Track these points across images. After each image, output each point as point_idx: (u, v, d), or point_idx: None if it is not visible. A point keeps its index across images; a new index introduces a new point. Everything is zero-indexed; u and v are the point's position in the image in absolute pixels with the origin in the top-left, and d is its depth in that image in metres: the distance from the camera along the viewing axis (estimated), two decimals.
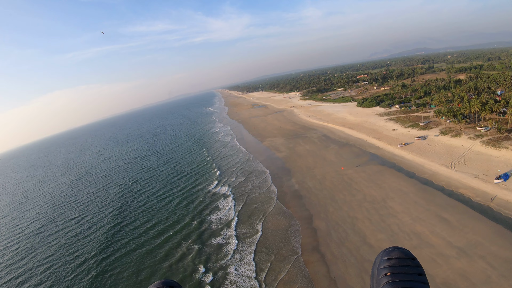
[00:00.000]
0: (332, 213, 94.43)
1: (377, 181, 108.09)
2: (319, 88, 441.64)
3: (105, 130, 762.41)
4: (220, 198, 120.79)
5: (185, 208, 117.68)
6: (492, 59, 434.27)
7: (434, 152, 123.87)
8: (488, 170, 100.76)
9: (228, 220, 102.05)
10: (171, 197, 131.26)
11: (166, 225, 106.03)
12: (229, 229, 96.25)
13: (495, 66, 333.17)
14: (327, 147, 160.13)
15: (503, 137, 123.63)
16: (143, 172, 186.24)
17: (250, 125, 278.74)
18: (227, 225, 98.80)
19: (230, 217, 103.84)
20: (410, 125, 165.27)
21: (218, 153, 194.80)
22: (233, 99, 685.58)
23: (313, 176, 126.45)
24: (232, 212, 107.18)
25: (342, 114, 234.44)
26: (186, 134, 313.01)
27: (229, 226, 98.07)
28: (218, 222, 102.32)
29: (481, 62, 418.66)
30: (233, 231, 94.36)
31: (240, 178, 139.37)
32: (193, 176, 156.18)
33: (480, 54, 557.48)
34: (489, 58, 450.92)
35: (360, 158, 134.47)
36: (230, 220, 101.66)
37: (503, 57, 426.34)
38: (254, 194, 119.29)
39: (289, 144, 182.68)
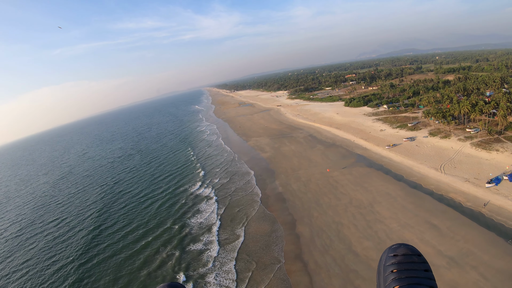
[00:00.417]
0: (317, 218, 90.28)
1: (364, 184, 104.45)
2: (306, 87, 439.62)
3: (92, 127, 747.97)
4: (203, 201, 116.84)
5: (167, 211, 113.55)
6: (480, 61, 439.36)
7: (423, 154, 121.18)
8: (478, 174, 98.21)
9: (210, 224, 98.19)
10: (152, 199, 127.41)
11: (146, 229, 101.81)
12: (210, 234, 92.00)
13: (483, 68, 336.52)
14: (313, 148, 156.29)
15: (493, 139, 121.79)
16: (126, 172, 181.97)
17: (236, 124, 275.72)
18: (208, 230, 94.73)
19: (212, 221, 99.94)
20: (398, 126, 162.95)
21: (203, 153, 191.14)
22: (220, 98, 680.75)
23: (297, 178, 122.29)
24: (214, 215, 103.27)
25: (329, 113, 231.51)
26: (172, 132, 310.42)
27: (210, 231, 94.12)
28: (200, 226, 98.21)
29: (469, 63, 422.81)
30: (214, 237, 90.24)
31: (224, 179, 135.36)
32: (176, 176, 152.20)
33: (468, 56, 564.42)
34: (477, 60, 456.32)
35: (346, 160, 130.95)
36: (212, 224, 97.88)
37: (491, 59, 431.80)
38: (237, 197, 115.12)
39: (275, 144, 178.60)
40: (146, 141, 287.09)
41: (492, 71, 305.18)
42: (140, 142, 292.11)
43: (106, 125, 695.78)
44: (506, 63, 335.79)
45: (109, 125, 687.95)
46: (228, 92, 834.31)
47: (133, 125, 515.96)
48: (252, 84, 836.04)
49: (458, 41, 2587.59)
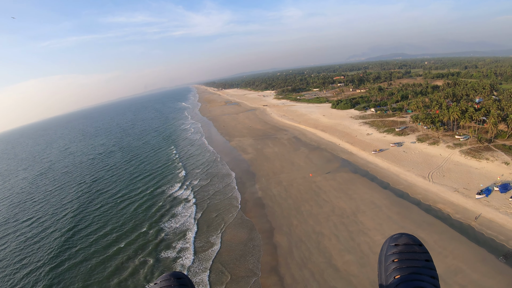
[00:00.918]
0: (296, 227, 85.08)
1: (348, 191, 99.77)
2: (294, 88, 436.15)
3: (77, 122, 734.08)
4: (181, 204, 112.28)
5: (143, 213, 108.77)
6: (469, 67, 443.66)
7: (410, 161, 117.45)
8: (468, 184, 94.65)
9: (187, 230, 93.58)
10: (130, 200, 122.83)
11: (120, 233, 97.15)
12: (186, 241, 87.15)
13: (472, 74, 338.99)
14: (296, 150, 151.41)
15: (483, 147, 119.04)
16: (105, 170, 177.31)
17: (220, 123, 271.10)
18: (184, 236, 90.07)
19: (189, 226, 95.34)
20: (386, 130, 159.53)
21: (185, 152, 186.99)
22: (207, 95, 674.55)
23: (279, 182, 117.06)
24: (191, 220, 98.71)
25: (315, 115, 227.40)
26: (156, 129, 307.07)
27: (186, 237, 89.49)
28: (176, 231, 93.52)
29: (458, 69, 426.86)
30: (190, 244, 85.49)
31: (204, 181, 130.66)
32: (156, 176, 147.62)
33: (457, 62, 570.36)
34: (466, 66, 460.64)
35: (331, 164, 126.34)
36: (189, 230, 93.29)
37: (480, 66, 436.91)
38: (216, 201, 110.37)
39: (258, 145, 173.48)
40: (129, 138, 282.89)
41: (481, 78, 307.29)
42: (123, 138, 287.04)
43: (91, 120, 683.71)
44: (495, 70, 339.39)
45: (94, 120, 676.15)
46: (215, 90, 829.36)
47: (118, 120, 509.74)
48: (240, 83, 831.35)
49: (447, 47, 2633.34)
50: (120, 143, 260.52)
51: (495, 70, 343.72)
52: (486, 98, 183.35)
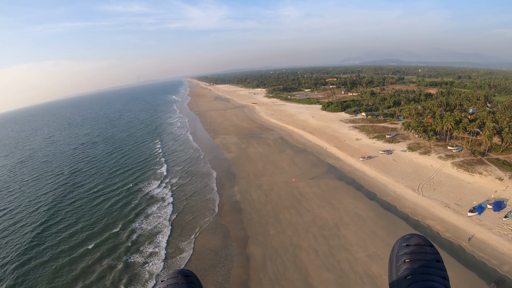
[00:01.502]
0: (273, 237, 78.51)
1: (332, 200, 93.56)
2: (285, 87, 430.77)
3: (66, 109, 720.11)
4: (158, 203, 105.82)
5: (117, 212, 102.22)
6: (462, 77, 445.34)
7: (400, 171, 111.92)
8: (460, 199, 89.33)
9: (160, 232, 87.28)
10: (105, 196, 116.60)
11: (90, 232, 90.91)
12: (158, 245, 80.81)
13: (466, 84, 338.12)
14: (281, 152, 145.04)
15: (476, 161, 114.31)
16: (85, 161, 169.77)
17: (207, 118, 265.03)
18: (157, 240, 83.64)
19: (163, 229, 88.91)
20: (376, 136, 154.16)
21: (168, 147, 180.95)
22: (198, 90, 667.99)
23: (259, 185, 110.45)
24: (166, 222, 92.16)
25: (304, 116, 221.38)
26: (142, 122, 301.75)
27: (159, 241, 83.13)
28: (149, 234, 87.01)
29: (452, 79, 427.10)
30: (161, 249, 79.19)
31: (183, 180, 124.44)
32: (136, 172, 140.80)
33: (450, 71, 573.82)
34: (459, 76, 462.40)
35: (316, 169, 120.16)
36: (162, 233, 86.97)
37: (474, 77, 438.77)
38: (193, 202, 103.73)
39: (242, 144, 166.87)
40: (114, 129, 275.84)
41: (474, 88, 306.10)
42: (108, 129, 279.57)
43: (80, 108, 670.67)
44: (489, 82, 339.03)
45: (83, 108, 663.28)
46: (207, 85, 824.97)
47: (106, 110, 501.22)
48: (232, 79, 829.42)
49: (442, 57, 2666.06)
50: (104, 134, 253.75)
51: (489, 81, 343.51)
52: (480, 109, 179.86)
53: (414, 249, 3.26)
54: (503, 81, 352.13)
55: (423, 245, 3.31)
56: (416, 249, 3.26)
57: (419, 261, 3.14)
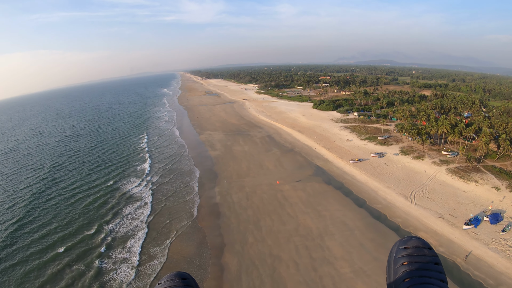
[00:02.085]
0: (251, 246, 71.88)
1: (318, 206, 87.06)
2: (277, 83, 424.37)
3: (57, 100, 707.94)
4: (136, 203, 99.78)
5: (94, 211, 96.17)
6: (456, 80, 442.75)
7: (391, 176, 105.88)
8: (454, 209, 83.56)
9: (136, 236, 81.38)
10: (84, 193, 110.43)
11: (64, 233, 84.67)
12: (131, 251, 75.08)
13: (460, 88, 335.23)
14: (268, 151, 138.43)
15: (472, 168, 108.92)
16: (68, 155, 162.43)
17: (195, 113, 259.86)
18: (131, 244, 77.84)
19: (138, 232, 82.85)
20: (367, 138, 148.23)
21: (153, 143, 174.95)
22: (190, 84, 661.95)
23: (241, 187, 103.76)
24: (142, 225, 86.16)
25: (294, 114, 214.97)
26: (131, 115, 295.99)
27: (133, 246, 77.29)
28: (124, 237, 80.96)
29: (446, 81, 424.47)
30: (135, 255, 73.40)
31: (165, 178, 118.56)
32: (118, 168, 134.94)
33: (445, 74, 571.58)
34: (453, 79, 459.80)
35: (302, 171, 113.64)
36: (138, 237, 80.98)
37: (468, 80, 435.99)
38: (173, 203, 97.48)
39: (228, 141, 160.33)
40: (100, 122, 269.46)
41: (469, 92, 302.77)
42: (95, 122, 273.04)
43: (70, 99, 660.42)
44: (483, 86, 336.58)
45: (73, 99, 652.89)
46: (199, 79, 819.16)
47: (96, 102, 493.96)
48: (225, 74, 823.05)
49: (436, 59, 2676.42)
50: (91, 127, 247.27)
51: (483, 86, 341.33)
52: (476, 114, 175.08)
53: (412, 252, 3.25)
54: (497, 85, 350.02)
55: (421, 248, 3.29)
56: (414, 251, 3.25)
57: (417, 263, 3.14)
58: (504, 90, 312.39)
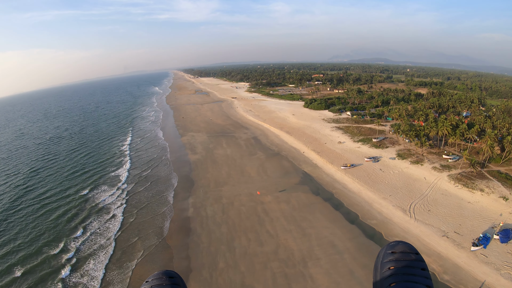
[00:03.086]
0: (221, 273, 60.23)
1: (303, 222, 75.30)
2: (269, 82, 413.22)
3: (47, 99, 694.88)
4: (107, 215, 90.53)
5: (62, 226, 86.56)
6: (451, 79, 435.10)
7: (388, 184, 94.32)
8: (460, 225, 72.36)
9: (101, 256, 72.03)
10: (54, 204, 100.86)
11: (26, 252, 75.27)
12: (93, 276, 65.47)
13: (456, 86, 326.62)
14: (251, 155, 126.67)
15: (476, 174, 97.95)
16: (46, 159, 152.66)
17: (181, 113, 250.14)
18: (93, 268, 68.32)
19: (103, 253, 73.26)
20: (361, 140, 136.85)
21: (134, 145, 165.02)
22: (181, 82, 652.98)
23: (218, 198, 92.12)
24: (110, 243, 76.41)
25: (284, 113, 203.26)
26: (117, 115, 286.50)
27: (95, 270, 67.60)
28: (88, 258, 71.49)
29: (441, 79, 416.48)
30: (97, 281, 63.90)
31: (140, 186, 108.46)
32: (94, 174, 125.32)
33: (439, 72, 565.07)
34: (448, 77, 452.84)
35: (288, 178, 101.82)
36: (102, 258, 71.48)
37: (463, 79, 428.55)
38: (144, 217, 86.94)
39: (210, 143, 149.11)
40: (85, 123, 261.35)
41: (465, 90, 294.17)
42: (79, 123, 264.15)
43: (61, 99, 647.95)
44: (480, 84, 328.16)
45: (64, 99, 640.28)
46: (191, 77, 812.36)
47: (85, 101, 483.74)
48: (217, 72, 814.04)
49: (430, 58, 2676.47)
50: (74, 128, 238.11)
51: (479, 84, 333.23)
52: (476, 113, 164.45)
53: (399, 257, 3.23)
54: (493, 84, 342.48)
55: (408, 253, 3.27)
56: (401, 256, 3.23)
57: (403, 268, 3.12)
58: (501, 88, 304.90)
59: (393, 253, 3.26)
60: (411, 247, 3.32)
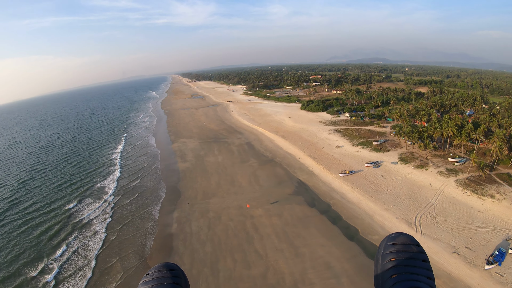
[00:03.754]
0: None
1: (296, 239, 67.31)
2: (266, 84, 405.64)
3: (44, 106, 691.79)
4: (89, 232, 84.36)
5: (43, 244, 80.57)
6: (451, 76, 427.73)
7: (390, 192, 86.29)
8: (471, 238, 64.50)
9: (79, 279, 65.92)
10: (38, 219, 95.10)
11: (3, 275, 69.98)
12: None
13: (457, 84, 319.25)
14: (243, 162, 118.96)
15: (485, 178, 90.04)
16: (35, 170, 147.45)
17: (175, 118, 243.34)
18: None
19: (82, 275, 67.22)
20: (360, 143, 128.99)
21: (125, 154, 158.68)
22: (178, 86, 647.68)
23: (205, 211, 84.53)
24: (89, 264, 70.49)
25: (280, 116, 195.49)
26: (111, 122, 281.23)
27: None
28: (66, 280, 66.02)
29: (440, 78, 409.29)
30: None
31: (127, 199, 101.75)
32: (81, 186, 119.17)
33: (438, 71, 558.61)
34: (448, 75, 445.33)
35: (281, 188, 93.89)
36: (81, 280, 65.54)
37: (463, 76, 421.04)
38: (126, 234, 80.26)
39: (201, 150, 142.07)
40: (78, 130, 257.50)
41: (466, 88, 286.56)
42: (73, 130, 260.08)
43: (57, 105, 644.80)
44: (480, 81, 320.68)
45: (60, 105, 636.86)
46: (189, 81, 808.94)
47: (81, 108, 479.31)
48: (214, 76, 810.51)
49: (429, 56, 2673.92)
50: (67, 136, 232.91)
51: (480, 81, 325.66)
52: (480, 112, 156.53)
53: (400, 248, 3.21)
54: (494, 80, 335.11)
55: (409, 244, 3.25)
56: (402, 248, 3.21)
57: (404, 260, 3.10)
58: (502, 85, 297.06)
59: (394, 244, 3.24)
60: (412, 239, 3.30)
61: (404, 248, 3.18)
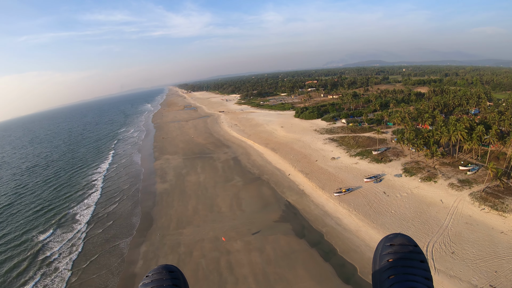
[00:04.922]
0: None
1: (278, 284, 53.43)
2: (260, 92, 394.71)
3: (40, 123, 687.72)
4: (55, 269, 75.32)
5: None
6: (449, 75, 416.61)
7: (395, 214, 72.42)
8: (496, 273, 50.98)
9: None
10: (7, 254, 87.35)
11: None
12: None
13: (456, 82, 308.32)
14: (227, 182, 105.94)
15: (503, 189, 76.52)
16: (15, 195, 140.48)
17: (163, 132, 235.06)
18: None
19: None
20: (359, 153, 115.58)
21: (108, 174, 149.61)
22: (173, 98, 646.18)
23: (176, 245, 71.90)
24: None
25: (272, 126, 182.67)
26: (100, 138, 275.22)
27: None
28: None
29: (439, 76, 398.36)
30: None
31: (99, 228, 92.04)
32: (57, 214, 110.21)
33: (436, 70, 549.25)
34: (446, 74, 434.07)
35: (266, 213, 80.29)
36: None
37: (461, 74, 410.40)
38: (91, 274, 69.62)
39: (184, 168, 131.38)
40: (66, 148, 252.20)
41: (466, 85, 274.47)
42: (60, 149, 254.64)
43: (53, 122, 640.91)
44: (480, 78, 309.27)
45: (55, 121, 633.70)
46: (184, 92, 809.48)
47: (75, 124, 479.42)
48: (210, 86, 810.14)
49: (425, 56, 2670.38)
50: (53, 155, 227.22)
51: (479, 78, 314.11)
52: (487, 110, 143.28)
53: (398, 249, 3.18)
54: (495, 76, 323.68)
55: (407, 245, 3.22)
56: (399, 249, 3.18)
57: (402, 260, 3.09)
58: (504, 80, 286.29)
59: (392, 245, 3.22)
60: (410, 239, 3.27)
61: (401, 248, 3.16)
